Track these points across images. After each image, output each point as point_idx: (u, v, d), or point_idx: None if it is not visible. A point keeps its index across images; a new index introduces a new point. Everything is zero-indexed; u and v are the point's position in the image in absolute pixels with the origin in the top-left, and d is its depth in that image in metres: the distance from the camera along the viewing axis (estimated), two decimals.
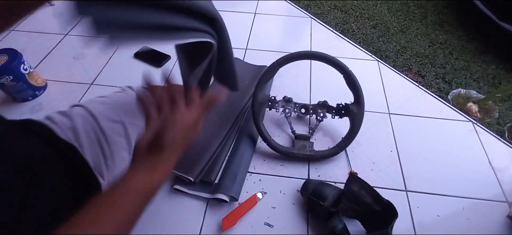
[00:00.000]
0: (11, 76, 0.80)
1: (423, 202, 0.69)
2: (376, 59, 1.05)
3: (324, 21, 1.27)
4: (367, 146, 0.79)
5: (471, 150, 0.80)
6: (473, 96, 1.14)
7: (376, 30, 1.50)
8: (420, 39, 1.47)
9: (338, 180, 0.71)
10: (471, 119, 0.88)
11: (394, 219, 0.57)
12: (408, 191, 0.71)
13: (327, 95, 0.80)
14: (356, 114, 0.71)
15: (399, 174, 0.74)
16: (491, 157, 0.78)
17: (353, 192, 0.62)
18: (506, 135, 1.01)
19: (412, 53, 1.38)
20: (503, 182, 0.73)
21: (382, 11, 1.62)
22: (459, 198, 0.70)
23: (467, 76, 1.29)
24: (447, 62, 1.35)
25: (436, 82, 1.25)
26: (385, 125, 0.85)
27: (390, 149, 0.79)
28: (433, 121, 0.86)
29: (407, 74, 1.23)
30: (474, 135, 0.84)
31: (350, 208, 0.62)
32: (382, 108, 0.89)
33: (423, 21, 1.57)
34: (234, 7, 1.27)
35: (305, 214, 0.66)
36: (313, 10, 1.55)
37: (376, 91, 0.94)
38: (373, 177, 0.73)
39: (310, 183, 0.67)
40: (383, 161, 0.76)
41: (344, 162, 0.76)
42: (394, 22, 1.55)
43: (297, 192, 0.69)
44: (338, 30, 1.39)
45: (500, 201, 0.70)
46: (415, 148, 0.79)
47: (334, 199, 0.63)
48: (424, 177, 0.73)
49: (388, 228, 0.57)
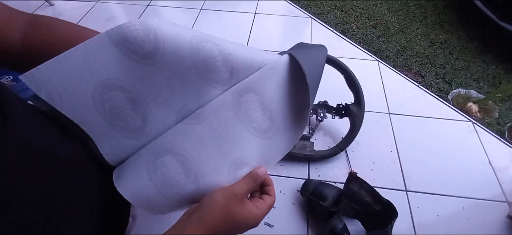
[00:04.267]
0: (11, 76, 0.81)
1: (423, 202, 0.69)
2: (376, 59, 1.05)
3: (324, 21, 1.27)
4: (367, 146, 0.79)
5: (471, 150, 0.80)
6: (473, 96, 1.14)
7: (376, 30, 1.50)
8: (420, 39, 1.47)
9: (338, 180, 0.71)
10: (471, 119, 0.88)
11: (394, 219, 0.57)
12: (408, 191, 0.71)
13: (327, 95, 0.80)
14: (357, 115, 0.71)
15: (399, 174, 0.74)
16: (491, 157, 0.78)
17: (353, 191, 0.62)
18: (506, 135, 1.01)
19: (412, 53, 1.38)
20: (503, 182, 0.73)
21: (382, 11, 1.62)
22: (459, 198, 0.70)
23: (467, 76, 1.29)
24: (447, 62, 1.35)
25: (436, 82, 1.25)
26: (385, 125, 0.85)
27: (390, 149, 0.79)
28: (433, 121, 0.86)
29: (407, 74, 1.23)
30: (474, 135, 0.84)
31: (350, 207, 0.62)
32: (382, 108, 0.89)
33: (423, 21, 1.57)
34: (234, 7, 1.27)
35: (305, 214, 0.66)
36: (313, 10, 1.55)
37: (376, 91, 0.94)
38: (373, 177, 0.73)
39: (310, 183, 0.67)
40: (383, 161, 0.76)
41: (344, 162, 0.76)
42: (394, 22, 1.55)
43: (297, 192, 0.69)
44: (338, 30, 1.39)
45: (500, 201, 0.70)
46: (415, 148, 0.79)
47: (334, 199, 0.63)
48: (424, 177, 0.73)
49: (388, 227, 0.57)
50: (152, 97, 0.31)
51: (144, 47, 0.28)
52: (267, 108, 0.35)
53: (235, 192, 0.31)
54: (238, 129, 0.34)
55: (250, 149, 0.35)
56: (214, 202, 0.30)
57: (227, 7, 1.26)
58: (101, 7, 1.29)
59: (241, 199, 0.31)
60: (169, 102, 0.32)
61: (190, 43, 0.29)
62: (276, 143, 0.37)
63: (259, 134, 0.35)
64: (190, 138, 0.31)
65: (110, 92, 0.28)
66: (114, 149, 0.31)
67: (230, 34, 1.16)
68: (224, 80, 0.33)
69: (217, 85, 0.33)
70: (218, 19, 1.22)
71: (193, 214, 0.29)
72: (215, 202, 0.29)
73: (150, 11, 1.27)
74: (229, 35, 1.16)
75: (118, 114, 0.30)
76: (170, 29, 0.29)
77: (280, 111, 0.36)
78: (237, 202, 0.30)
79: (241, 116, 0.34)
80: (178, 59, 0.29)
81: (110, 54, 0.27)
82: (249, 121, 0.35)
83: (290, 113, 0.37)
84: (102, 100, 0.28)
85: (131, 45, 0.28)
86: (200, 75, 0.31)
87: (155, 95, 0.31)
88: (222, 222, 0.29)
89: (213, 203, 0.29)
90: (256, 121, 0.35)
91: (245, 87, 0.34)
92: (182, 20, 1.23)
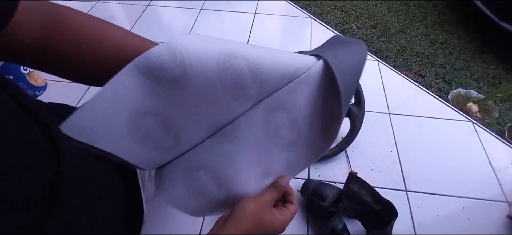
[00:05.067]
0: (11, 76, 0.81)
1: (423, 202, 0.69)
2: (376, 59, 1.05)
3: (324, 21, 1.27)
4: (367, 146, 0.79)
5: (471, 150, 0.80)
6: (473, 96, 1.14)
7: (376, 30, 1.50)
8: (420, 39, 1.47)
9: (338, 180, 0.71)
10: (471, 119, 0.88)
11: (394, 219, 0.57)
12: (408, 191, 0.71)
13: None
14: (357, 115, 0.71)
15: (399, 174, 0.74)
16: (491, 157, 0.78)
17: (353, 191, 0.62)
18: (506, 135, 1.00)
19: (412, 53, 1.38)
20: (503, 182, 0.73)
21: (382, 11, 1.62)
22: (459, 198, 0.70)
23: (467, 76, 1.29)
24: (447, 62, 1.35)
25: (436, 82, 1.25)
26: (385, 125, 0.85)
27: (390, 149, 0.79)
28: (433, 121, 0.86)
29: (407, 74, 1.23)
30: (474, 135, 0.84)
31: (350, 207, 0.62)
32: (382, 108, 0.89)
33: (423, 21, 1.57)
34: (234, 7, 1.27)
35: (305, 214, 0.66)
36: (313, 10, 1.55)
37: (376, 91, 0.94)
38: (373, 177, 0.73)
39: (310, 183, 0.67)
40: (383, 161, 0.76)
41: (344, 162, 0.76)
42: (394, 22, 1.55)
43: (297, 192, 0.69)
44: (338, 30, 1.39)
45: (500, 201, 0.70)
46: (415, 148, 0.79)
47: (334, 199, 0.63)
48: (424, 177, 0.73)
49: (388, 227, 0.57)
50: (182, 118, 0.32)
51: (172, 73, 0.28)
52: (295, 123, 0.36)
53: (264, 200, 0.34)
54: (266, 146, 0.36)
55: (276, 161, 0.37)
56: (246, 210, 0.32)
57: (227, 7, 1.26)
58: (101, 7, 1.29)
59: (270, 208, 0.34)
60: (199, 121, 0.33)
61: (218, 62, 0.29)
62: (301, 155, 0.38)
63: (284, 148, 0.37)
64: (220, 155, 0.34)
65: (143, 119, 0.30)
66: (149, 163, 0.34)
67: (230, 34, 1.16)
68: (253, 95, 0.33)
69: (246, 100, 0.33)
70: (218, 19, 1.22)
71: (227, 222, 0.32)
72: (247, 210, 0.32)
73: (150, 11, 1.27)
74: (229, 35, 1.16)
75: (151, 138, 0.31)
76: (196, 48, 0.28)
77: (309, 124, 0.37)
78: (266, 210, 0.34)
79: (269, 133, 0.35)
80: (206, 80, 0.29)
81: (139, 83, 0.28)
82: (277, 138, 0.36)
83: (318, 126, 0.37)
84: (136, 128, 0.30)
85: (158, 72, 0.27)
86: (228, 93, 0.31)
87: (185, 116, 0.32)
88: (254, 229, 0.32)
89: (246, 210, 0.32)
90: (284, 137, 0.36)
91: (275, 105, 0.34)
92: (182, 20, 1.23)
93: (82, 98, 0.91)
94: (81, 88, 0.93)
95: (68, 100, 0.90)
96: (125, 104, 0.28)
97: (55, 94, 0.92)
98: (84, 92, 0.92)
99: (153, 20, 1.24)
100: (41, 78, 0.92)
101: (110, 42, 0.31)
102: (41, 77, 0.92)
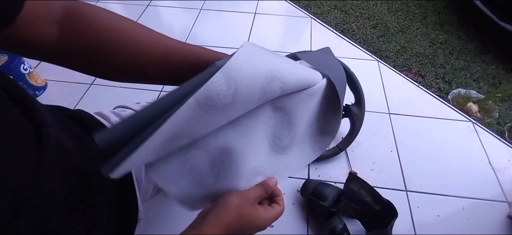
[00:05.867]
0: (11, 76, 0.80)
1: (423, 202, 0.69)
2: (376, 59, 1.05)
3: (324, 21, 1.27)
4: (367, 146, 0.79)
5: (471, 150, 0.80)
6: (473, 96, 1.14)
7: (376, 30, 1.50)
8: (420, 39, 1.47)
9: (338, 180, 0.71)
10: (471, 119, 0.88)
11: (394, 219, 0.57)
12: (408, 191, 0.71)
13: None
14: (357, 115, 0.71)
15: (399, 174, 0.74)
16: (491, 157, 0.78)
17: (353, 191, 0.62)
18: (506, 135, 1.00)
19: (412, 53, 1.38)
20: (503, 182, 0.73)
21: (382, 11, 1.62)
22: (459, 198, 0.70)
23: (467, 76, 1.29)
24: (447, 62, 1.35)
25: (436, 82, 1.25)
26: (385, 125, 0.85)
27: (390, 149, 0.79)
28: (433, 121, 0.86)
29: (407, 74, 1.23)
30: (474, 135, 0.84)
31: (350, 207, 0.62)
32: (382, 108, 0.89)
33: (423, 21, 1.57)
34: (234, 7, 1.27)
35: (305, 214, 0.66)
36: (313, 10, 1.55)
37: (376, 91, 0.94)
38: (373, 177, 0.73)
39: (310, 183, 0.67)
40: (383, 161, 0.76)
41: (344, 162, 0.76)
42: (394, 22, 1.55)
43: (297, 192, 0.69)
44: (338, 30, 1.39)
45: (500, 201, 0.70)
46: (415, 148, 0.79)
47: (334, 199, 0.63)
48: (424, 177, 0.73)
49: (388, 227, 0.57)
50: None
51: (223, 100, 0.27)
52: (293, 129, 0.38)
53: (249, 196, 0.34)
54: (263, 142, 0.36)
55: (267, 160, 0.37)
56: (229, 203, 0.32)
57: (227, 7, 1.26)
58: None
59: (253, 204, 0.34)
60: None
61: (261, 87, 0.29)
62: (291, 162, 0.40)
63: (277, 149, 0.38)
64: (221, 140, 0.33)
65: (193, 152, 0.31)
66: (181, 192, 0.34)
67: (230, 34, 1.16)
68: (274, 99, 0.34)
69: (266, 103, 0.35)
70: (218, 19, 1.22)
71: (209, 213, 0.31)
72: (230, 203, 0.32)
73: (150, 11, 1.27)
74: (229, 35, 1.16)
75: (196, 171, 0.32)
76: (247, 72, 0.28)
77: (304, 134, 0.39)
78: (249, 205, 0.33)
79: (269, 130, 0.36)
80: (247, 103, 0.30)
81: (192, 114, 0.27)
82: (274, 137, 0.37)
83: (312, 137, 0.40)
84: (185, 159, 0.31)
85: (213, 102, 0.27)
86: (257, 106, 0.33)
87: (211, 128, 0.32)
88: (235, 222, 0.31)
89: (228, 203, 0.32)
90: (280, 138, 0.38)
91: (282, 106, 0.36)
92: (182, 20, 1.23)
93: (82, 98, 0.91)
94: (81, 88, 0.93)
95: (68, 100, 0.90)
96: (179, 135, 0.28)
97: (55, 94, 0.92)
98: (84, 92, 0.92)
99: (153, 20, 1.24)
100: (41, 78, 0.92)
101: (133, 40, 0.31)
102: (41, 77, 0.92)
